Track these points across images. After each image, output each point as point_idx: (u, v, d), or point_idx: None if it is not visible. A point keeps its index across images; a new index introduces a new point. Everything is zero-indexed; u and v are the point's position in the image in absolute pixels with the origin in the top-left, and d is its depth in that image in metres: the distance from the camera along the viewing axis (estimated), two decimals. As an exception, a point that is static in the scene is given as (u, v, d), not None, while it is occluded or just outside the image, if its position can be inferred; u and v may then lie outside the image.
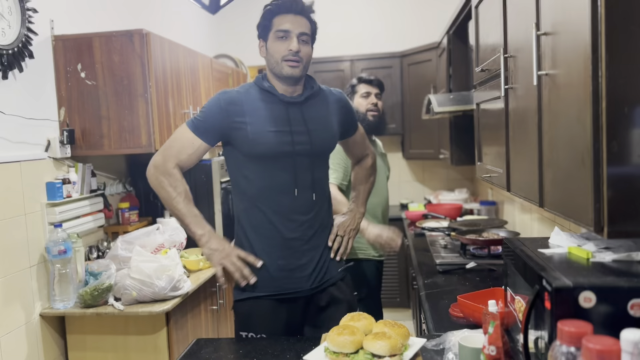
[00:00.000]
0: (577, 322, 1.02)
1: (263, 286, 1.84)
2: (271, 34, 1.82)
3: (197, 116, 1.86)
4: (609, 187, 1.06)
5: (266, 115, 1.81)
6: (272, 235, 1.84)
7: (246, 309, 1.87)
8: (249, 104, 1.82)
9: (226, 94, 1.85)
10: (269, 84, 1.85)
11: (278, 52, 1.80)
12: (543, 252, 1.37)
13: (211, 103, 1.85)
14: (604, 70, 1.05)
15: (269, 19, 1.83)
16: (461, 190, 4.53)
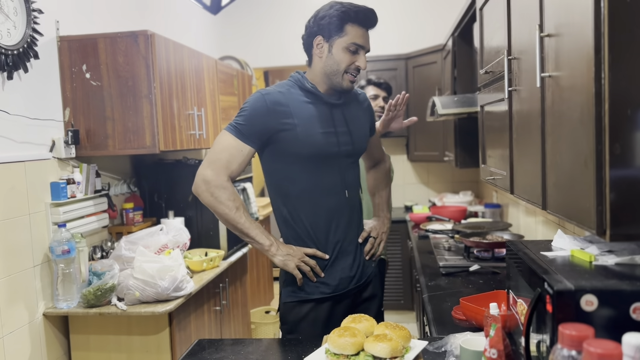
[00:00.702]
0: (579, 326, 1.01)
1: (313, 288, 1.83)
2: (340, 40, 1.77)
3: (239, 120, 1.76)
4: (611, 189, 1.05)
5: (313, 116, 1.79)
6: (320, 237, 1.84)
7: (295, 312, 1.84)
8: (295, 105, 1.78)
9: (270, 94, 1.77)
10: (311, 85, 1.81)
11: (344, 63, 1.78)
12: (546, 254, 1.37)
13: (254, 104, 1.76)
14: (607, 71, 1.04)
15: (342, 23, 1.76)
16: (466, 193, 4.52)
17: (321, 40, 1.78)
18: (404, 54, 4.65)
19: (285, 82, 1.85)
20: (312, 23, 1.79)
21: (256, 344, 1.77)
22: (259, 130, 1.75)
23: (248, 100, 1.79)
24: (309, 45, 1.82)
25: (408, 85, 4.66)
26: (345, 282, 1.86)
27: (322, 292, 1.83)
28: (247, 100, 1.79)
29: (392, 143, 4.98)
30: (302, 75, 1.85)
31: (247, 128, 1.75)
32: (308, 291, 1.83)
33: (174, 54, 2.66)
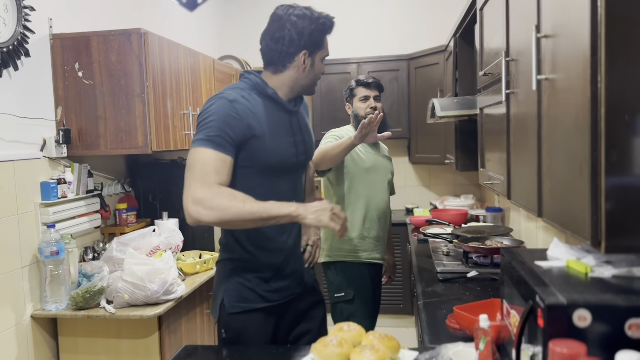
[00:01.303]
0: (570, 342, 0.96)
1: (261, 297, 1.78)
2: (320, 53, 1.80)
3: (210, 132, 1.61)
4: (607, 198, 1.00)
5: (277, 124, 1.75)
6: (272, 246, 1.79)
7: (241, 321, 1.76)
8: (261, 112, 1.71)
9: (236, 101, 1.66)
10: (272, 90, 1.76)
11: (320, 73, 1.83)
12: (540, 264, 1.31)
13: (223, 112, 1.63)
14: (603, 74, 0.99)
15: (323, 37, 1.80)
16: (467, 196, 4.46)
17: (306, 55, 1.75)
18: (406, 55, 4.59)
19: (241, 85, 1.75)
20: (296, 36, 1.72)
21: (242, 352, 1.72)
22: (233, 138, 1.64)
23: (211, 108, 1.65)
24: (287, 56, 1.74)
25: (410, 86, 4.60)
26: (291, 288, 1.84)
27: (269, 301, 1.78)
28: (210, 108, 1.65)
29: (393, 144, 4.92)
30: (261, 79, 1.77)
31: (221, 138, 1.61)
32: (254, 300, 1.76)
33: (168, 53, 2.62)
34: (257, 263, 1.77)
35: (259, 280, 1.77)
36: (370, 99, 2.82)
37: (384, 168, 2.89)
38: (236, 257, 1.78)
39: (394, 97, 4.65)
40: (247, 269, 1.77)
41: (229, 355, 1.69)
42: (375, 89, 2.85)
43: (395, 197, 4.99)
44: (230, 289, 1.77)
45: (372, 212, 2.77)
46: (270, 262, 1.79)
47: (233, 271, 1.78)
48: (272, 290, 1.79)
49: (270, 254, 1.79)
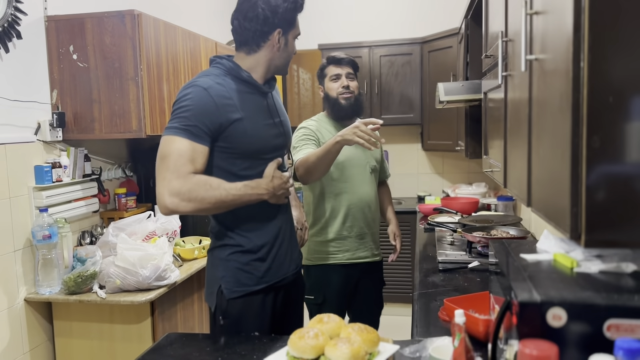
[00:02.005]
0: (541, 343, 0.89)
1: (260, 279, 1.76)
2: (293, 32, 1.79)
3: (186, 121, 1.59)
4: (588, 188, 0.92)
5: (255, 108, 1.74)
6: (265, 228, 1.78)
7: (240, 306, 1.74)
8: (237, 97, 1.68)
9: (212, 88, 1.63)
10: (247, 74, 1.72)
11: (293, 52, 1.82)
12: (525, 257, 1.24)
13: (199, 101, 1.60)
14: (587, 52, 0.91)
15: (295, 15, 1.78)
16: (479, 184, 4.34)
17: (280, 34, 1.73)
18: (419, 38, 4.46)
19: (215, 71, 1.71)
20: (270, 14, 1.68)
21: (226, 340, 1.68)
22: (209, 128, 1.61)
23: (187, 96, 1.61)
24: (261, 35, 1.71)
25: (423, 70, 4.49)
26: (285, 268, 1.84)
27: (266, 282, 1.77)
28: (186, 96, 1.61)
29: (406, 131, 4.82)
30: (234, 62, 1.74)
31: (197, 128, 1.59)
32: (253, 283, 1.75)
33: (164, 35, 2.57)
34: (252, 245, 1.76)
35: (256, 263, 1.76)
36: (342, 78, 2.48)
37: (363, 157, 2.54)
38: (231, 243, 1.76)
39: (406, 81, 4.54)
40: (243, 252, 1.75)
41: (211, 344, 1.66)
42: (347, 66, 2.51)
43: (407, 185, 4.95)
44: (228, 275, 1.75)
45: (354, 208, 2.48)
46: (264, 241, 1.78)
47: (230, 257, 1.76)
48: (270, 270, 1.78)
49: (262, 233, 1.78)
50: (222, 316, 1.76)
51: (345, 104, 2.49)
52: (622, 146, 0.90)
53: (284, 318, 1.88)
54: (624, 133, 0.90)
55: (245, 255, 1.75)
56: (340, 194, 2.46)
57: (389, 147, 4.81)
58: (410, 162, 4.89)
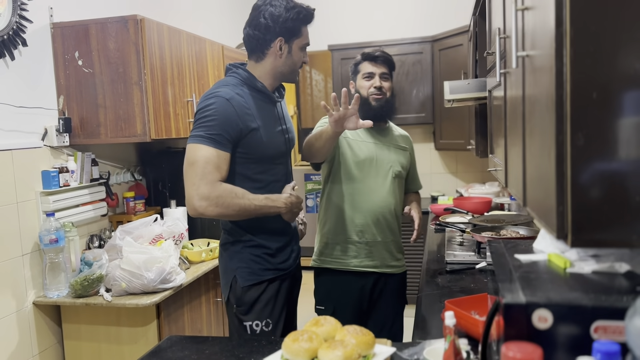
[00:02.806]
0: (525, 346, 0.87)
1: (271, 270, 1.93)
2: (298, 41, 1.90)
3: (211, 130, 1.74)
4: (573, 187, 0.89)
5: (269, 116, 1.89)
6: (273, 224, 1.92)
7: (252, 293, 1.90)
8: (254, 107, 1.84)
9: (233, 99, 1.78)
10: (261, 84, 1.87)
11: (300, 62, 1.93)
12: (519, 258, 1.21)
13: (223, 111, 1.75)
14: (569, 48, 0.88)
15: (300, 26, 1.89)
16: (492, 184, 4.29)
17: (282, 42, 1.86)
18: (430, 37, 4.43)
19: (232, 81, 1.86)
20: (271, 23, 1.83)
21: (225, 343, 1.69)
22: (232, 136, 1.77)
23: (211, 106, 1.76)
24: (264, 43, 1.85)
25: (434, 69, 4.45)
26: (293, 259, 2.03)
27: (279, 270, 1.94)
28: (210, 106, 1.76)
29: (418, 131, 4.78)
30: (249, 72, 1.89)
31: (222, 137, 1.75)
32: (263, 273, 1.91)
33: (169, 39, 2.59)
34: (263, 241, 1.92)
35: (267, 256, 1.92)
36: (376, 77, 2.32)
37: (389, 160, 2.35)
38: (244, 239, 1.92)
39: (417, 80, 4.50)
40: (255, 246, 1.91)
41: (210, 347, 1.66)
42: (383, 65, 2.34)
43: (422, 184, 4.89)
44: (242, 266, 1.90)
45: (367, 212, 2.29)
46: (274, 240, 1.94)
47: (243, 249, 1.91)
48: (277, 263, 1.95)
49: (275, 237, 1.95)
50: (236, 304, 1.91)
51: (376, 105, 2.32)
52: (606, 143, 0.88)
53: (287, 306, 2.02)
54: (609, 130, 0.87)
55: (257, 249, 1.91)
56: (354, 194, 2.29)
57: (401, 147, 4.78)
58: (423, 162, 4.84)
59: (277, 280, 1.95)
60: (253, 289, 1.90)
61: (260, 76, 1.88)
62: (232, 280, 1.91)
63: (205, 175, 1.72)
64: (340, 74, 4.58)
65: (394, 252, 2.39)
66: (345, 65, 4.56)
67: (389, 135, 2.45)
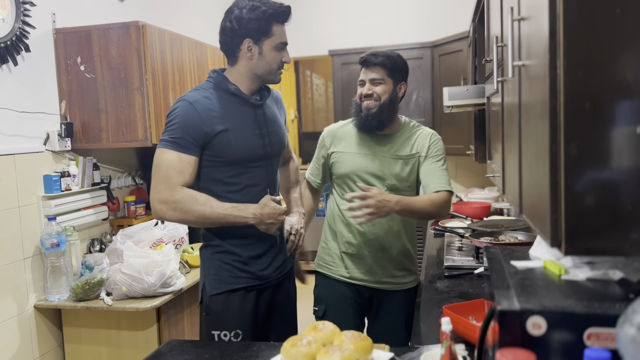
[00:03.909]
0: (519, 352, 0.89)
1: (240, 278, 1.86)
2: (269, 41, 1.81)
3: (173, 134, 1.74)
4: (567, 196, 0.91)
5: (241, 119, 1.84)
6: (245, 230, 1.83)
7: (221, 302, 1.85)
8: (222, 109, 1.80)
9: (198, 101, 1.76)
10: (234, 87, 1.83)
11: (276, 62, 1.83)
12: (515, 264, 1.23)
13: (185, 114, 1.74)
14: (562, 59, 0.90)
15: (268, 25, 1.81)
16: (492, 189, 4.31)
17: (251, 43, 1.80)
18: (430, 42, 4.45)
19: (205, 85, 1.85)
20: (237, 26, 1.79)
21: (224, 347, 1.70)
22: (196, 139, 1.74)
23: (174, 110, 1.76)
24: (233, 47, 1.82)
25: (434, 74, 4.47)
26: (270, 273, 1.91)
27: (248, 282, 1.86)
28: (174, 111, 1.76)
29: (418, 135, 4.80)
30: (223, 76, 1.85)
31: (184, 140, 1.73)
32: (233, 282, 1.84)
33: (170, 45, 2.61)
34: (234, 248, 1.86)
35: (238, 263, 1.86)
36: (366, 84, 2.11)
37: (381, 173, 2.15)
38: (214, 244, 1.88)
39: (417, 86, 4.53)
40: (225, 252, 1.86)
41: (209, 350, 1.67)
42: (375, 69, 2.09)
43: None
44: (210, 273, 1.87)
45: (352, 227, 2.16)
46: (248, 251, 1.87)
47: (213, 255, 1.87)
48: (251, 272, 1.87)
49: (250, 246, 1.87)
50: (205, 312, 1.87)
51: (364, 114, 2.13)
52: (599, 153, 0.89)
53: (270, 320, 1.96)
54: (601, 139, 0.89)
55: (227, 255, 1.86)
56: (341, 207, 2.20)
57: (401, 151, 4.80)
58: (422, 166, 4.86)
59: (252, 291, 1.86)
60: (221, 297, 1.84)
61: (236, 79, 1.84)
62: (203, 286, 1.88)
63: (166, 179, 1.72)
64: (341, 78, 4.61)
65: (388, 269, 2.22)
66: (346, 70, 4.59)
67: (391, 143, 2.21)
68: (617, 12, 0.88)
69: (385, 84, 2.11)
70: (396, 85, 2.16)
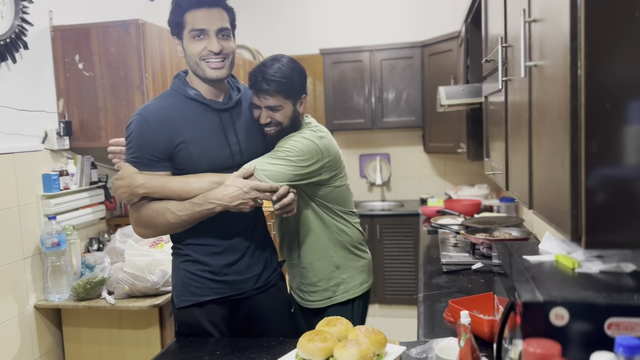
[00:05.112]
0: (545, 342, 0.92)
1: (210, 289, 1.73)
2: (185, 32, 1.63)
3: (130, 153, 1.62)
4: (587, 192, 0.95)
5: (203, 128, 1.67)
6: (215, 239, 1.73)
7: (189, 315, 1.74)
8: (182, 119, 1.64)
9: (151, 114, 1.61)
10: (195, 92, 1.68)
11: (195, 53, 1.62)
12: (528, 259, 1.27)
13: (139, 130, 1.60)
14: (583, 60, 0.94)
15: (180, 16, 1.63)
16: (481, 186, 4.37)
17: (178, 42, 1.68)
18: (420, 42, 4.50)
19: (167, 92, 1.71)
20: (171, 28, 1.68)
21: (234, 344, 1.71)
22: (155, 155, 1.61)
23: (130, 127, 1.62)
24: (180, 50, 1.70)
25: (424, 74, 4.52)
26: (246, 284, 1.77)
27: (218, 293, 1.73)
28: (130, 127, 1.63)
29: (407, 134, 4.85)
30: (184, 80, 1.70)
31: (143, 157, 1.61)
32: (202, 293, 1.72)
33: (169, 44, 2.61)
34: (201, 257, 1.73)
35: (207, 273, 1.73)
36: (263, 111, 1.78)
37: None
38: (183, 252, 1.75)
39: (407, 85, 4.57)
40: (192, 262, 1.73)
41: (221, 348, 1.69)
42: (270, 96, 1.75)
43: (410, 187, 4.98)
44: (178, 284, 1.75)
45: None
46: (220, 262, 1.73)
47: (181, 265, 1.75)
48: (222, 282, 1.74)
49: (220, 255, 1.73)
50: (177, 324, 1.77)
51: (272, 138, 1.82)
52: (619, 150, 0.93)
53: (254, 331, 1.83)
54: (621, 138, 0.93)
55: (194, 265, 1.73)
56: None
57: (391, 150, 4.85)
58: (412, 164, 4.92)
59: (225, 303, 1.75)
60: (190, 310, 1.72)
61: (195, 83, 1.69)
62: (172, 298, 1.78)
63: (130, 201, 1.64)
64: (332, 77, 4.63)
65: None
66: (337, 69, 4.61)
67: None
68: (635, 16, 0.92)
69: (284, 109, 1.80)
70: (296, 104, 1.83)
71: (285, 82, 1.75)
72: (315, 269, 1.92)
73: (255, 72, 1.76)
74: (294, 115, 1.83)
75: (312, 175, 1.79)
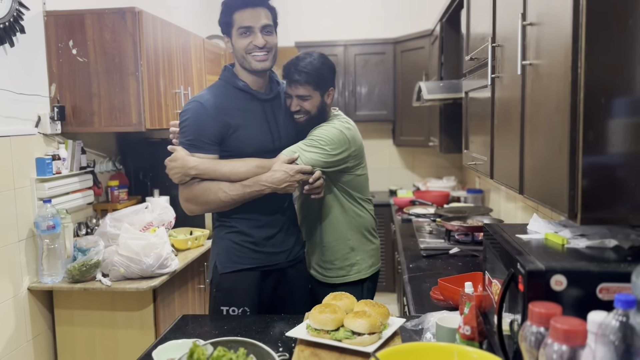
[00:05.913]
0: (547, 304, 1.07)
1: (251, 259, 1.94)
2: (234, 30, 1.86)
3: (185, 136, 1.83)
4: (584, 175, 1.09)
5: (250, 115, 1.89)
6: (263, 224, 1.95)
7: (231, 281, 1.93)
8: (233, 107, 1.86)
9: (208, 101, 1.83)
10: (243, 83, 1.89)
11: (242, 47, 1.85)
12: (520, 237, 1.42)
13: (197, 115, 1.81)
14: (583, 61, 1.08)
15: (229, 16, 1.85)
16: (449, 178, 4.58)
17: (227, 39, 1.90)
18: (392, 39, 4.66)
19: (217, 83, 1.92)
20: (221, 27, 1.89)
21: (239, 320, 1.81)
22: (210, 138, 1.82)
23: (186, 112, 1.83)
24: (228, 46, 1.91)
25: (396, 69, 4.68)
26: (280, 258, 1.99)
27: (257, 262, 1.94)
28: (185, 113, 1.83)
29: (378, 127, 5.01)
30: (233, 72, 1.91)
31: (198, 141, 1.81)
32: (243, 262, 1.93)
33: (161, 32, 2.65)
34: (246, 229, 1.95)
35: (249, 244, 1.94)
36: (293, 99, 1.97)
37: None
38: (227, 224, 1.96)
39: (380, 80, 4.72)
40: (237, 232, 1.95)
41: (226, 322, 1.78)
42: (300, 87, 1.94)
43: (379, 179, 5.15)
44: (222, 252, 1.96)
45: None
46: (261, 234, 1.95)
47: (225, 235, 1.96)
48: (261, 253, 1.95)
49: (262, 228, 1.95)
50: (215, 289, 1.96)
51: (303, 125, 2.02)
52: (612, 139, 1.08)
53: (279, 301, 2.04)
54: (613, 128, 1.08)
55: (239, 236, 1.94)
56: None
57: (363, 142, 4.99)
58: (381, 157, 5.09)
59: (261, 271, 1.95)
60: (231, 275, 1.93)
61: (241, 75, 1.91)
62: (214, 265, 1.97)
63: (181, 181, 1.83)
64: (306, 70, 4.73)
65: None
66: (311, 62, 4.71)
67: None
68: (629, 23, 1.07)
69: (312, 98, 1.97)
70: (324, 95, 2.01)
71: (314, 75, 1.96)
72: (332, 249, 2.10)
73: (289, 65, 1.98)
74: (322, 106, 2.02)
75: (339, 163, 1.99)
